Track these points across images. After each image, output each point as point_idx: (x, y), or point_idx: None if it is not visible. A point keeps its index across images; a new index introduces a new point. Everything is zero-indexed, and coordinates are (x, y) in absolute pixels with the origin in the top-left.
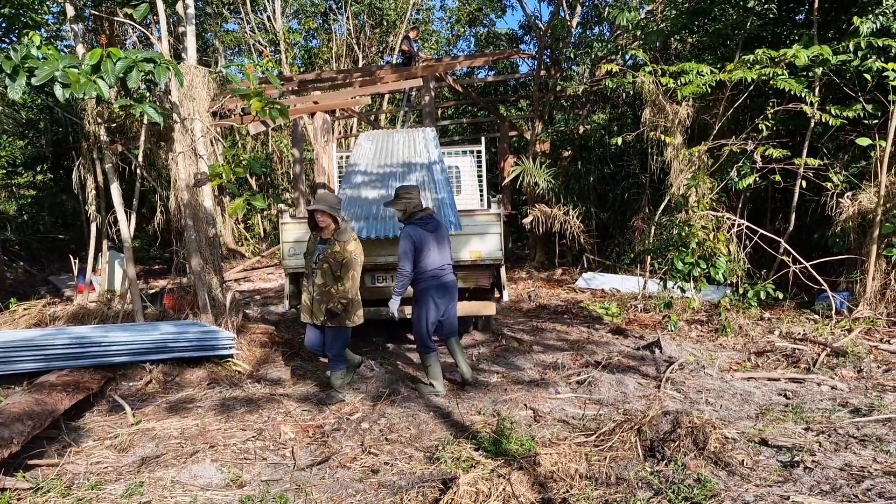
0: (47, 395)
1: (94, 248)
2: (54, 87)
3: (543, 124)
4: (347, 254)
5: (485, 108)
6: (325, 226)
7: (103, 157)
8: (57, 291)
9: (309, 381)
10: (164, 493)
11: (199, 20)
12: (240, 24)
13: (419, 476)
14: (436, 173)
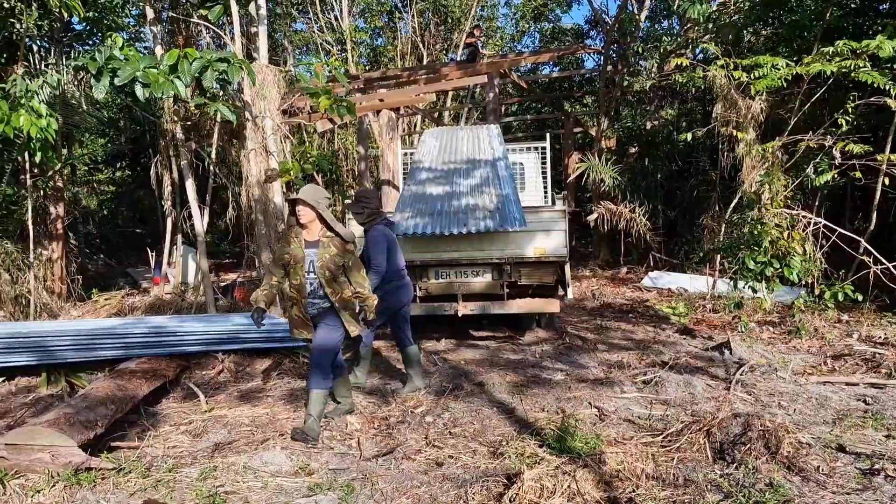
0: (128, 381)
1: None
2: (135, 87)
3: (609, 120)
4: (349, 255)
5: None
6: (306, 221)
7: (179, 154)
8: (135, 283)
9: (374, 373)
10: (237, 477)
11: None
12: (308, 24)
13: (483, 470)
14: (500, 170)
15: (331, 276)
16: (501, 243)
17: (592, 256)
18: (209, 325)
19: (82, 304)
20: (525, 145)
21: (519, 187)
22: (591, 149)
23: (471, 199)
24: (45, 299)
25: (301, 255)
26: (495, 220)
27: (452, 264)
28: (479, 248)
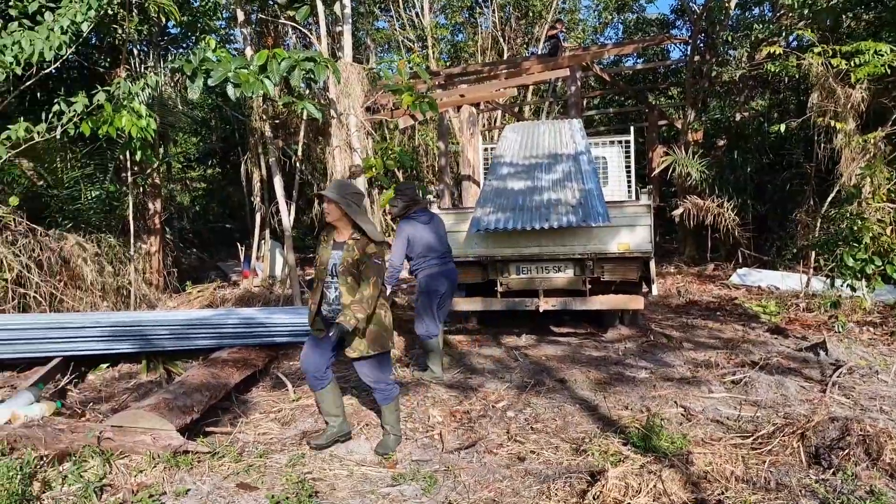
0: (220, 369)
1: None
2: (226, 87)
3: (696, 112)
4: (365, 257)
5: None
6: (332, 220)
7: (267, 151)
8: (225, 276)
9: (455, 368)
10: (324, 465)
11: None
12: (389, 22)
13: (566, 467)
14: (583, 164)
15: (353, 283)
16: (584, 238)
17: (677, 253)
18: (296, 317)
19: (177, 296)
20: (608, 139)
21: (602, 182)
22: (676, 142)
23: (553, 193)
24: (143, 290)
25: (326, 256)
26: (578, 216)
27: (533, 260)
28: (561, 243)
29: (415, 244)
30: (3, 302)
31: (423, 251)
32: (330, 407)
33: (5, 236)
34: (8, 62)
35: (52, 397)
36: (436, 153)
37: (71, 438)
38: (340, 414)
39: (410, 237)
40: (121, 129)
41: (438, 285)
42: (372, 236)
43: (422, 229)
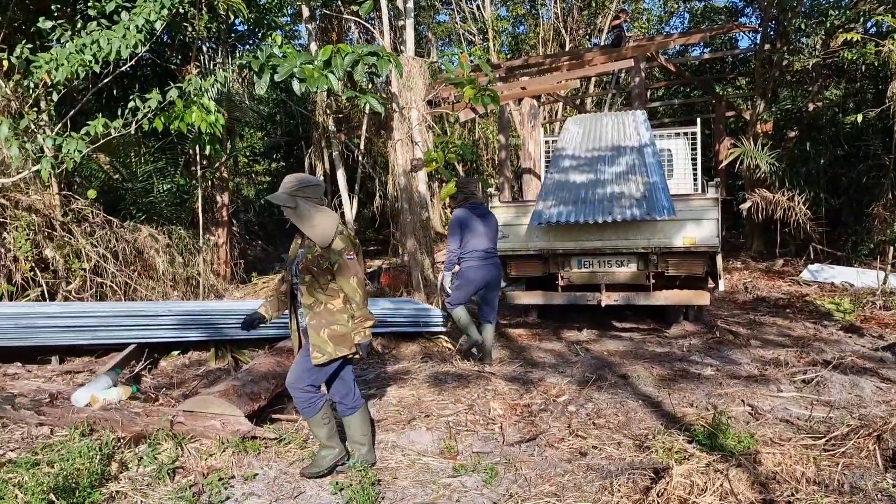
0: (286, 358)
1: None
2: (292, 83)
3: (766, 103)
4: (334, 255)
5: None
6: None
7: (330, 145)
8: None
9: (515, 361)
10: (386, 454)
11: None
12: (450, 15)
13: (629, 463)
14: (647, 156)
15: (312, 281)
16: (648, 232)
17: (745, 247)
18: None
19: (243, 286)
20: (673, 131)
21: (667, 175)
22: (744, 133)
23: (616, 186)
24: (212, 281)
25: (294, 254)
26: (642, 209)
27: (596, 253)
28: (625, 237)
29: (465, 233)
30: (81, 290)
31: (471, 243)
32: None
33: (84, 228)
34: (87, 60)
35: (128, 382)
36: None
37: (146, 422)
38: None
39: (463, 225)
40: (191, 124)
41: (479, 278)
42: (316, 241)
43: (475, 221)
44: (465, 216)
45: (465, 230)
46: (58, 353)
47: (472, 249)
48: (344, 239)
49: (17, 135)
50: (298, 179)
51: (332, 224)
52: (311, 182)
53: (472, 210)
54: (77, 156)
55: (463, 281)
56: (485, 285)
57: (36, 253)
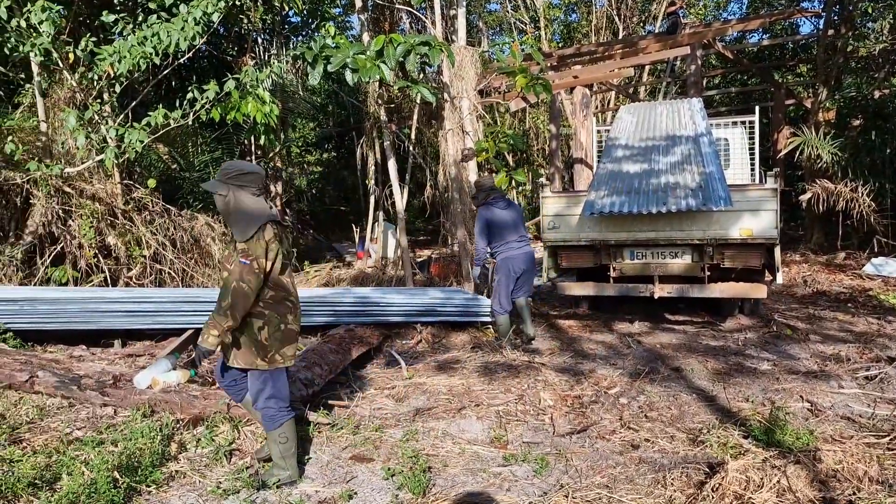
0: (338, 345)
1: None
2: (345, 73)
3: (828, 90)
4: (235, 254)
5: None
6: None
7: (382, 135)
8: (340, 257)
9: (566, 352)
10: (436, 441)
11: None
12: (502, 4)
13: (682, 457)
14: (703, 146)
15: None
16: (704, 223)
17: (803, 240)
18: (409, 297)
19: (296, 275)
20: (730, 119)
21: (724, 164)
22: (805, 122)
23: (671, 176)
24: None
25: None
26: (698, 199)
27: (649, 244)
28: (679, 227)
29: (493, 228)
30: (142, 277)
31: (502, 234)
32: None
33: (144, 216)
34: (148, 52)
35: (186, 366)
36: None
37: (203, 405)
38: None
39: (489, 221)
40: (247, 114)
41: (516, 266)
42: (236, 236)
43: (499, 213)
44: (489, 213)
45: (492, 227)
46: (120, 337)
47: (504, 241)
48: (253, 243)
49: (83, 125)
50: (236, 167)
51: (256, 221)
52: (249, 170)
53: (495, 204)
54: (138, 146)
55: (503, 275)
56: (522, 273)
57: (99, 240)
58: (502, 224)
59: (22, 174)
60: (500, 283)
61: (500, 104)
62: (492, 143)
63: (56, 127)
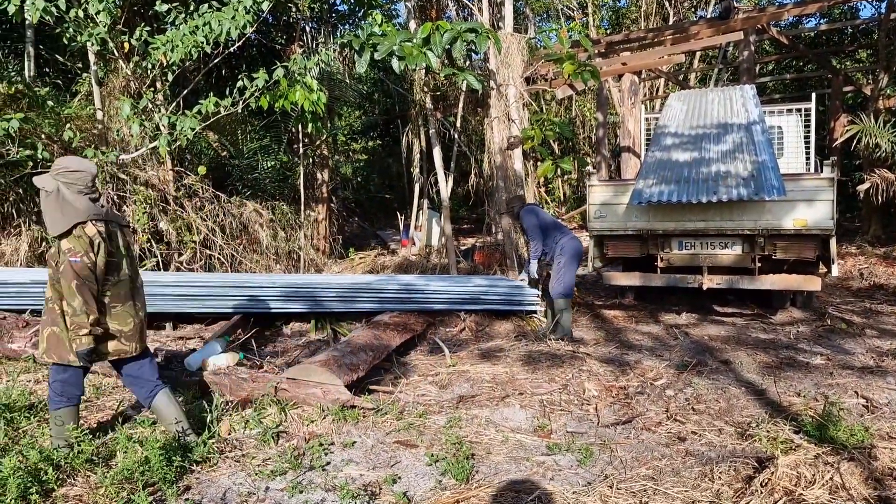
0: (382, 332)
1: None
2: (391, 61)
3: (889, 77)
4: (61, 255)
5: (813, 61)
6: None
7: (427, 123)
8: (384, 244)
9: (611, 343)
10: (479, 429)
11: None
12: None
13: (730, 450)
14: (756, 134)
15: (52, 275)
16: (755, 213)
17: (860, 231)
18: (453, 285)
19: (341, 261)
20: (785, 107)
21: (777, 153)
22: (863, 109)
23: (722, 165)
24: (311, 255)
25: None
26: (749, 188)
27: (698, 235)
28: (730, 217)
29: (543, 226)
30: (192, 262)
31: (550, 232)
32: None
33: (195, 203)
34: (200, 41)
35: (235, 349)
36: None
37: (252, 387)
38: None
39: (540, 221)
40: (294, 102)
41: (576, 253)
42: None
43: (543, 213)
44: (535, 214)
45: (542, 225)
46: (171, 320)
47: (554, 238)
48: (74, 240)
49: (137, 113)
50: (64, 163)
51: (71, 218)
52: (76, 167)
53: (535, 205)
54: (190, 133)
55: (568, 258)
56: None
57: (152, 225)
58: (549, 223)
59: None
60: (564, 264)
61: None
62: (538, 130)
63: (111, 115)
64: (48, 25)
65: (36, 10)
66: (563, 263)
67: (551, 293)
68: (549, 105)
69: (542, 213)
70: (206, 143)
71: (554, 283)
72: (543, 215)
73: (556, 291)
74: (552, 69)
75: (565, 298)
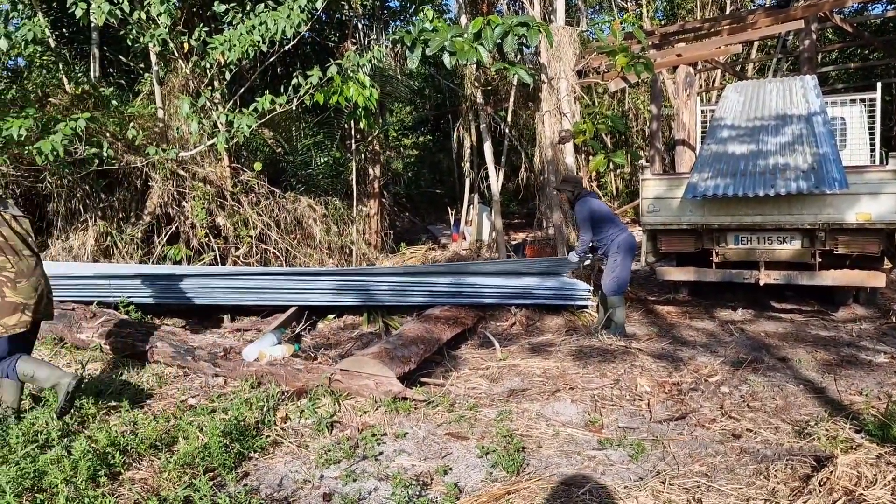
0: (433, 325)
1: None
2: (443, 56)
3: None
4: None
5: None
6: None
7: (478, 118)
8: (434, 239)
9: (664, 338)
10: (530, 422)
11: None
12: None
13: (787, 448)
14: (817, 125)
15: None
16: (815, 207)
17: None
18: (503, 279)
19: (392, 256)
20: (848, 97)
21: (839, 145)
22: None
23: (780, 157)
24: (363, 250)
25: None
26: (810, 181)
27: (755, 229)
28: (788, 211)
29: (596, 218)
30: (248, 256)
31: (604, 225)
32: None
33: (251, 198)
34: (256, 40)
35: (290, 341)
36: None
37: (307, 378)
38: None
39: (592, 213)
40: (348, 98)
41: (629, 248)
42: None
43: (598, 205)
44: (589, 205)
45: (594, 217)
46: (228, 312)
47: (607, 232)
48: None
49: (196, 112)
50: None
51: None
52: None
53: (590, 196)
54: (247, 130)
55: (623, 254)
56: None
57: (209, 220)
58: (603, 216)
59: (142, 158)
60: (619, 261)
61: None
62: (590, 124)
63: (171, 113)
64: (112, 27)
65: (102, 13)
66: (617, 260)
67: (604, 289)
68: (601, 98)
69: (596, 205)
70: (262, 140)
71: (607, 279)
72: (597, 207)
73: (608, 288)
74: (605, 62)
75: (618, 296)
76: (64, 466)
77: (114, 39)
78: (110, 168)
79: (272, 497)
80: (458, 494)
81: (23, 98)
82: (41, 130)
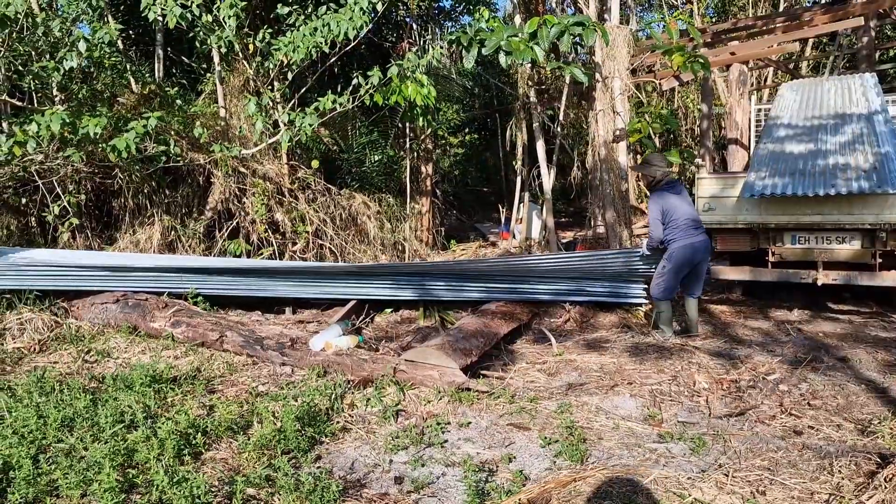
0: (490, 320)
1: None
2: (498, 55)
3: None
4: None
5: None
6: None
7: (531, 116)
8: (483, 236)
9: (719, 337)
10: (589, 415)
11: None
12: None
13: (850, 446)
14: (877, 125)
15: None
16: (876, 207)
17: None
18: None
19: (443, 253)
20: None
21: None
22: None
23: (840, 157)
24: (415, 246)
25: None
26: (871, 181)
27: (813, 229)
28: (848, 211)
29: (669, 214)
30: (305, 251)
31: (679, 221)
32: None
33: (308, 195)
34: (319, 42)
35: (352, 333)
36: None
37: (372, 368)
38: None
39: (665, 208)
40: (406, 97)
41: (692, 257)
42: None
43: (673, 200)
44: (663, 200)
45: (667, 212)
46: (290, 305)
47: (680, 227)
48: None
49: (260, 111)
50: None
51: None
52: None
53: (670, 190)
54: (309, 129)
55: (673, 265)
56: (698, 262)
57: (268, 216)
58: (678, 209)
59: (205, 156)
60: (668, 270)
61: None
62: (645, 123)
63: (232, 112)
64: (176, 29)
65: (174, 15)
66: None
67: (651, 291)
68: (651, 96)
69: (671, 203)
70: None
71: (654, 281)
72: (672, 204)
73: (652, 290)
74: (658, 60)
75: (665, 301)
76: (152, 445)
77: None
78: (175, 165)
79: (346, 479)
80: (524, 481)
81: (93, 98)
82: (113, 129)
